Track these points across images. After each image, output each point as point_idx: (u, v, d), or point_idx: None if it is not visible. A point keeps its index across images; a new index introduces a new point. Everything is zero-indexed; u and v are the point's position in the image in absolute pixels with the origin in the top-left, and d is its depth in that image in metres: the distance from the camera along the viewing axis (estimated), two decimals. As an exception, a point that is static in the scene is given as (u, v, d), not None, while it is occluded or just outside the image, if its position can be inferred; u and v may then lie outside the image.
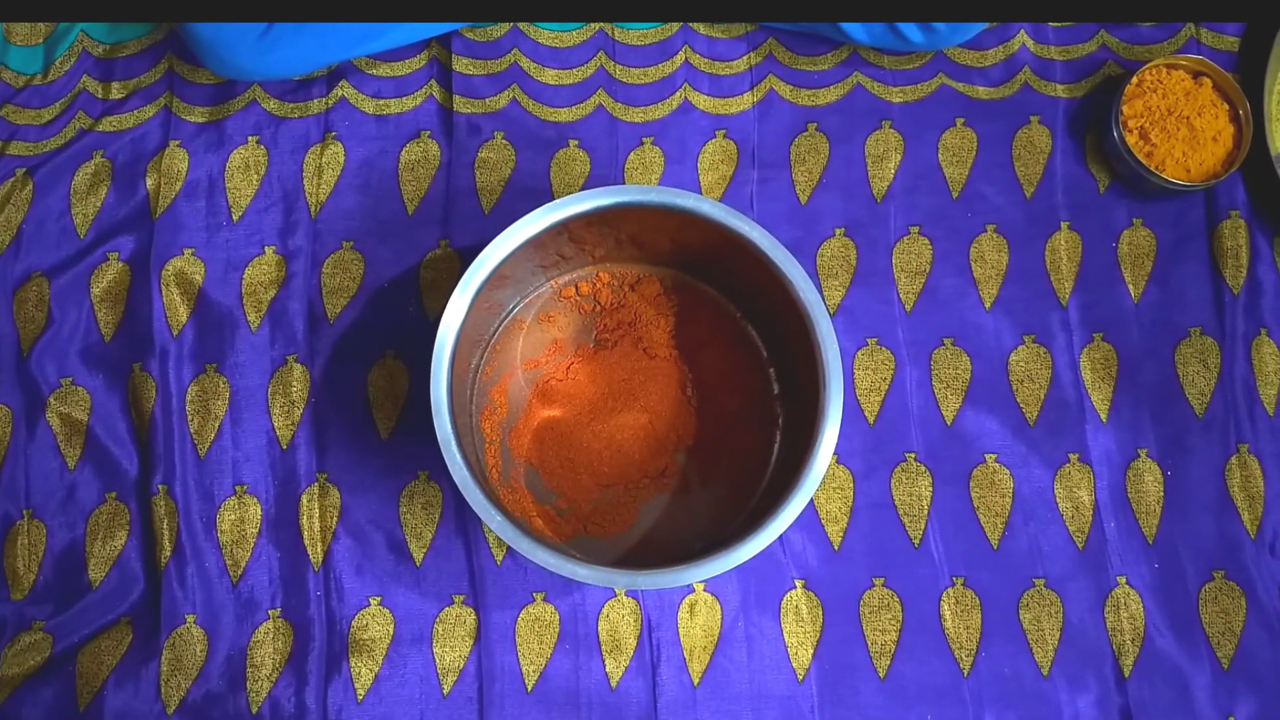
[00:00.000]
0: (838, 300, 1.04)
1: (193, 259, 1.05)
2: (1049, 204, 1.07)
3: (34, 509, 1.00)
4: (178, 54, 1.10)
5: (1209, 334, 1.04)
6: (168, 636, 0.96)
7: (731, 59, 1.11)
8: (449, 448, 0.80)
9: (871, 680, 0.96)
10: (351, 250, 1.05)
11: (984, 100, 1.10)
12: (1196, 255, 1.06)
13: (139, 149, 1.08)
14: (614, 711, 0.95)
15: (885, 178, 1.07)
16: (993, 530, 1.00)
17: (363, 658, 0.96)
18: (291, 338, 1.03)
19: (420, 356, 1.02)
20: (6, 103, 1.09)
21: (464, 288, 0.82)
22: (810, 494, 0.81)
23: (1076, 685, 0.96)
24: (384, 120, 1.08)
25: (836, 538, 0.99)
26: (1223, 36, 1.11)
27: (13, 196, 1.06)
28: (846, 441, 1.01)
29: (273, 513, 0.99)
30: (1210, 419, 1.02)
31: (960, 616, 0.98)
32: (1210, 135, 1.04)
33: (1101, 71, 1.10)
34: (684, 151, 1.08)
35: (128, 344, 1.03)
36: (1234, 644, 0.98)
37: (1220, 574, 0.99)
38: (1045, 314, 1.04)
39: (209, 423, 1.01)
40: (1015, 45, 1.11)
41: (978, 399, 1.02)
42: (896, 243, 1.06)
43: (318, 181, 1.06)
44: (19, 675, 0.96)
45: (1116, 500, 1.01)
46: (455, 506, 0.99)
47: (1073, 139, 1.09)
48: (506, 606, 0.97)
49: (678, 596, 0.98)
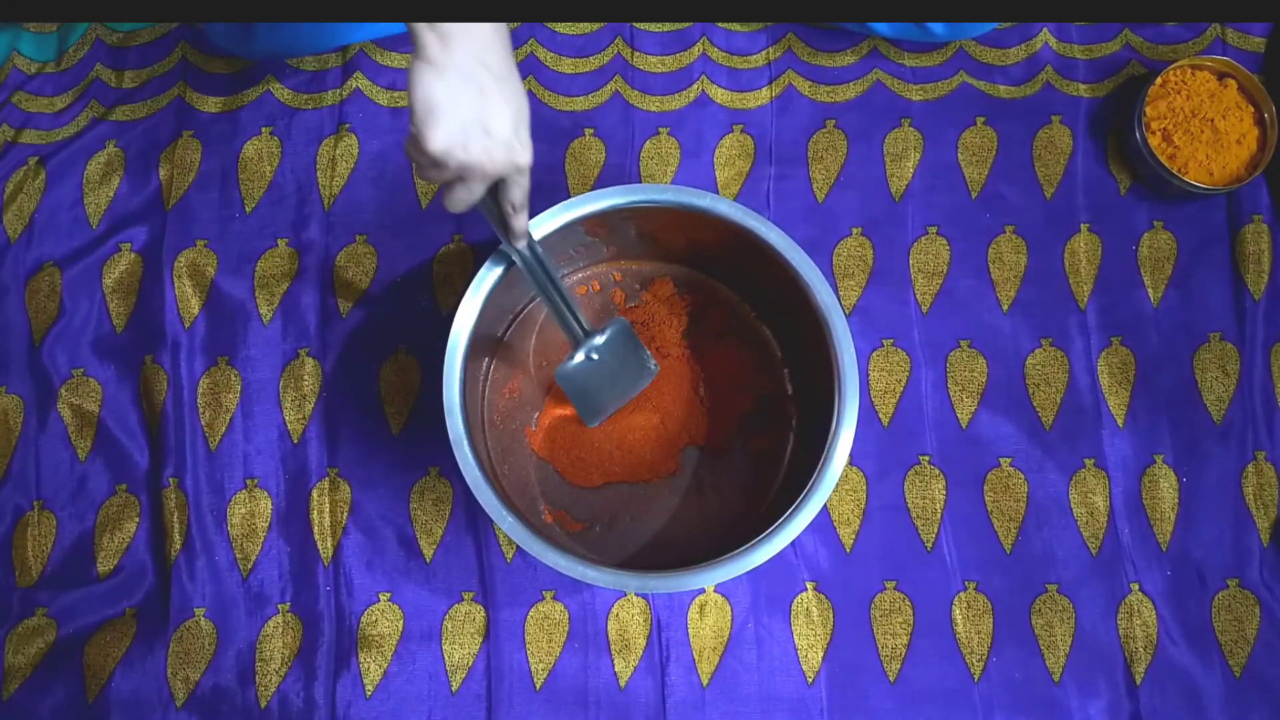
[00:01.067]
0: (853, 300, 1.03)
1: (205, 250, 1.04)
2: (1069, 205, 1.06)
3: (44, 500, 1.00)
4: (191, 43, 1.09)
5: (1229, 340, 1.03)
6: (176, 629, 0.96)
7: (750, 53, 1.09)
8: (461, 447, 0.79)
9: (882, 684, 0.96)
10: (365, 243, 1.04)
11: (1005, 99, 1.08)
12: (1218, 260, 1.05)
13: (152, 139, 1.07)
14: (622, 711, 0.95)
15: (904, 177, 1.06)
16: (1006, 535, 0.99)
17: (372, 653, 0.96)
18: (304, 331, 1.02)
19: (433, 351, 1.01)
20: (19, 89, 1.08)
21: (476, 288, 0.81)
22: (825, 498, 0.80)
23: (1088, 691, 0.96)
24: (398, 112, 1.07)
25: (849, 540, 0.99)
26: (1249, 37, 1.10)
27: (25, 185, 1.06)
28: (860, 443, 1.00)
29: (283, 507, 0.99)
30: (1228, 426, 1.01)
31: (972, 621, 0.97)
32: (1234, 138, 1.02)
33: (1125, 71, 1.09)
34: (700, 145, 1.07)
35: (139, 335, 1.03)
36: (1246, 652, 0.97)
37: (1234, 582, 0.99)
38: (1063, 317, 1.03)
39: (220, 415, 1.01)
40: (1038, 44, 1.09)
41: (993, 402, 1.02)
42: (914, 243, 1.05)
43: (331, 174, 1.06)
44: (27, 665, 0.96)
45: (1131, 506, 1.00)
46: (466, 503, 0.99)
47: (1094, 139, 1.07)
48: (516, 604, 0.97)
49: (688, 597, 0.97)
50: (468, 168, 0.62)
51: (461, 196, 0.65)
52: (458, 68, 0.60)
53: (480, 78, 0.60)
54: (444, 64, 0.60)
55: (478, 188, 0.65)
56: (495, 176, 0.65)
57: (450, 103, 0.60)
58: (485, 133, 0.61)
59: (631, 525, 0.96)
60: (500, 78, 0.61)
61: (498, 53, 0.61)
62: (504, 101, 0.62)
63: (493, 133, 0.62)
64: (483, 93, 0.61)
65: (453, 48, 0.60)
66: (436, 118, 0.60)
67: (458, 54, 0.60)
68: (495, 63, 0.61)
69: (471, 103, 0.60)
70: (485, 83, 0.61)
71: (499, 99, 0.61)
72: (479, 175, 0.63)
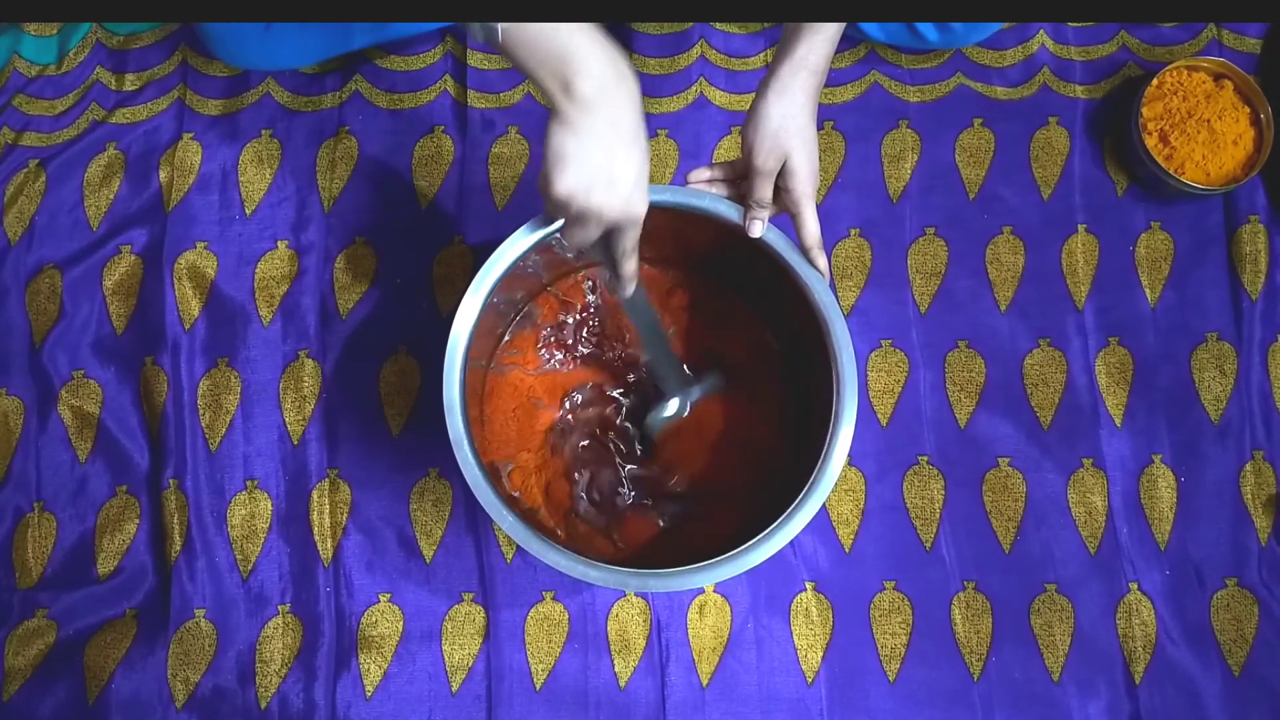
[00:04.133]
0: (852, 301, 1.04)
1: (205, 252, 1.04)
2: (1066, 206, 1.06)
3: (45, 501, 1.00)
4: (191, 46, 1.10)
5: (1226, 340, 1.03)
6: (176, 630, 0.96)
7: (748, 55, 1.10)
8: (461, 448, 0.79)
9: (881, 684, 0.96)
10: (364, 245, 1.05)
11: (1002, 100, 1.09)
12: (1215, 260, 1.05)
13: (152, 141, 1.08)
14: (622, 711, 0.95)
15: (901, 178, 1.07)
16: (1005, 534, 0.99)
17: (372, 654, 0.96)
18: (304, 333, 1.03)
19: (433, 353, 1.02)
20: (19, 92, 1.09)
21: (476, 288, 0.82)
22: (823, 498, 0.80)
23: (1087, 691, 0.96)
24: (398, 114, 1.08)
25: (848, 540, 0.99)
26: (1244, 38, 1.10)
27: (26, 188, 1.06)
28: (859, 443, 1.00)
29: (283, 508, 0.99)
30: (1226, 425, 1.02)
31: (971, 621, 0.97)
32: (1231, 139, 1.03)
33: (1121, 73, 1.09)
34: (699, 146, 1.07)
35: (140, 337, 1.03)
36: (1245, 651, 0.97)
37: (1233, 581, 0.99)
38: (1061, 317, 1.04)
39: (220, 417, 1.01)
40: (1034, 45, 1.10)
41: (992, 402, 1.02)
42: (912, 244, 1.05)
43: (331, 176, 1.06)
44: (27, 666, 0.96)
45: (1130, 506, 1.00)
46: (466, 504, 0.99)
47: (1091, 140, 1.08)
48: (516, 605, 0.97)
49: (687, 597, 0.97)
50: (586, 213, 0.66)
51: (579, 236, 0.70)
52: (592, 132, 0.63)
53: (610, 140, 0.64)
54: (579, 126, 0.63)
55: (594, 231, 0.69)
56: (611, 224, 0.69)
57: (580, 156, 0.64)
58: (609, 186, 0.65)
59: (632, 524, 0.96)
60: (628, 140, 0.65)
61: (629, 115, 0.65)
62: (629, 160, 0.65)
63: (615, 185, 0.66)
64: (611, 153, 0.65)
65: (589, 114, 0.63)
66: (564, 166, 0.64)
67: (593, 121, 0.63)
68: (626, 125, 0.65)
69: (600, 159, 0.64)
70: (614, 145, 0.64)
71: (625, 159, 0.65)
72: (595, 221, 0.67)
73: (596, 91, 0.63)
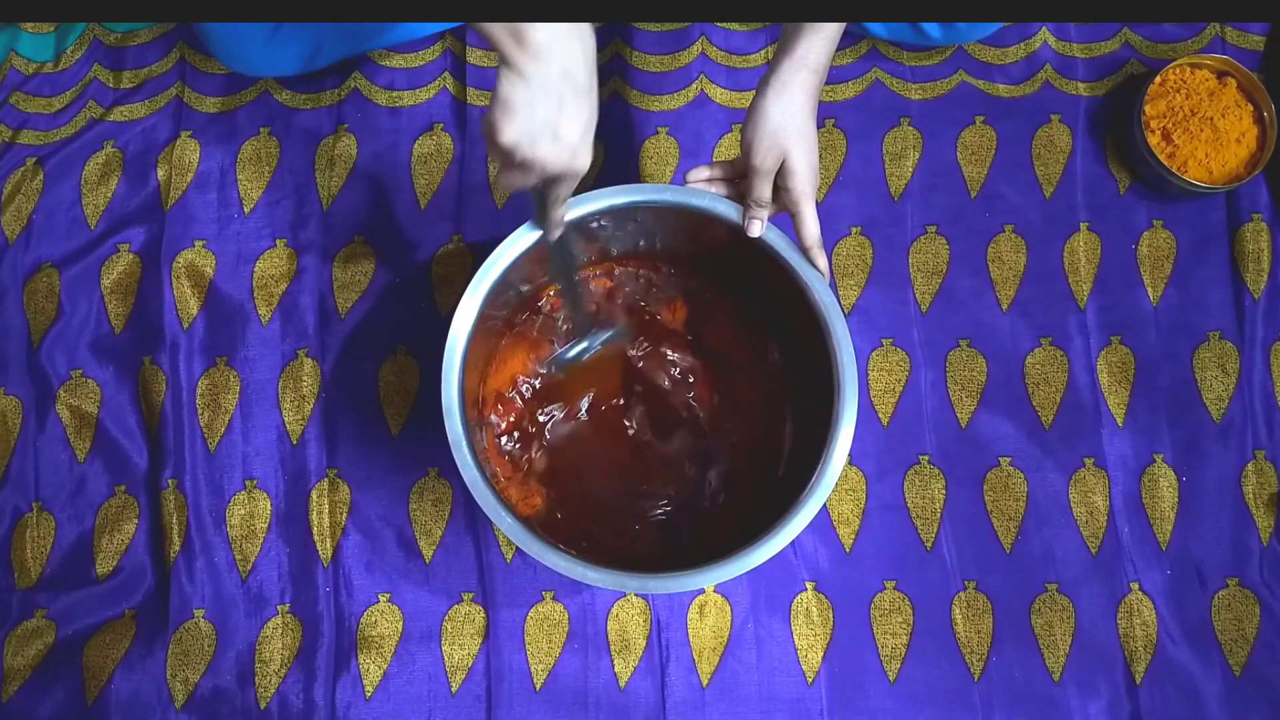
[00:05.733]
0: (853, 300, 1.03)
1: (204, 251, 1.04)
2: (1068, 204, 1.06)
3: (43, 501, 1.00)
4: (189, 44, 1.09)
5: (1228, 339, 1.03)
6: (176, 631, 0.96)
7: (749, 52, 1.09)
8: (460, 449, 0.79)
9: (881, 683, 0.96)
10: (363, 244, 1.04)
11: (1004, 98, 1.08)
12: (1217, 258, 1.05)
13: (150, 139, 1.07)
14: (622, 712, 0.95)
15: (903, 176, 1.06)
16: (1006, 534, 0.99)
17: (371, 654, 0.96)
18: (302, 332, 1.02)
19: (432, 352, 1.01)
20: (16, 90, 1.08)
21: (475, 289, 0.81)
22: (824, 498, 0.80)
23: (1088, 691, 0.96)
24: (396, 113, 1.07)
25: (848, 540, 0.99)
26: (1248, 36, 1.09)
27: (23, 186, 1.06)
28: (860, 443, 1.00)
29: (282, 508, 0.99)
30: (1227, 424, 1.01)
31: (971, 620, 0.97)
32: (1234, 137, 1.02)
33: (1124, 70, 1.09)
34: (699, 144, 1.07)
35: (138, 336, 1.02)
36: (1246, 651, 0.97)
37: (1234, 581, 0.99)
38: (1063, 316, 1.03)
39: (219, 417, 1.01)
40: (1037, 43, 1.09)
41: (993, 401, 1.01)
42: (913, 242, 1.05)
43: (329, 174, 1.06)
44: (26, 667, 0.96)
45: (1131, 505, 1.00)
46: (465, 504, 0.99)
47: (1093, 138, 1.07)
48: (516, 605, 0.97)
49: (687, 597, 0.97)
50: (530, 162, 0.65)
51: (516, 181, 0.68)
52: (543, 83, 0.62)
53: (561, 90, 0.63)
54: (530, 76, 0.62)
55: (533, 180, 0.68)
56: (553, 175, 0.68)
57: (528, 106, 0.62)
58: (554, 137, 0.64)
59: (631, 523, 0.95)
60: (580, 90, 0.64)
61: (581, 67, 0.64)
62: (577, 111, 0.64)
63: (561, 138, 0.64)
64: (560, 105, 0.63)
65: (541, 63, 0.62)
66: (512, 115, 0.62)
67: (546, 70, 0.62)
68: (578, 75, 0.63)
69: (548, 110, 0.63)
70: (565, 94, 0.63)
71: (574, 110, 0.64)
72: (538, 171, 0.67)
73: (550, 40, 0.61)
